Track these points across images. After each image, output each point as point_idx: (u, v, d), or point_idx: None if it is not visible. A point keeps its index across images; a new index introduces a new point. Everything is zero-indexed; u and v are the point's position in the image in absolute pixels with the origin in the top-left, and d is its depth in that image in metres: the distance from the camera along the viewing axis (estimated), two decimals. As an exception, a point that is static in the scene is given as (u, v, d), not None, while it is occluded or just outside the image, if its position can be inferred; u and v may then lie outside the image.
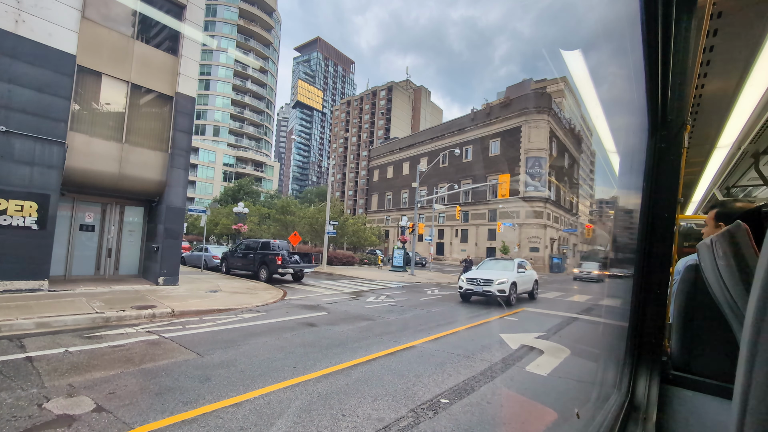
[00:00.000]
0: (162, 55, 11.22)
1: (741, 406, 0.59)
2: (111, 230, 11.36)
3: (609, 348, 2.24)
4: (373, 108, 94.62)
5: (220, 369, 4.55)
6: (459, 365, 5.18)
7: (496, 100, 54.49)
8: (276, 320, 7.75)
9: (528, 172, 45.65)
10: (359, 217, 43.89)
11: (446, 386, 4.34)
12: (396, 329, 7.40)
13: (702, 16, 1.84)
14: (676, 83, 1.40)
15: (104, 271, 11.22)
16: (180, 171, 11.31)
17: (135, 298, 8.92)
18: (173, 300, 9.04)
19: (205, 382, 4.11)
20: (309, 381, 4.26)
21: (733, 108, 3.21)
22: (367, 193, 78.31)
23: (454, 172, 54.45)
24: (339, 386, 4.14)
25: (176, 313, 7.96)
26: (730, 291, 1.15)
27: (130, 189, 10.89)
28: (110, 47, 10.14)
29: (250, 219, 34.25)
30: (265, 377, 4.32)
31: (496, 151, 50.17)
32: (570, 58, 1.66)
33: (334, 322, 7.84)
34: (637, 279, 1.62)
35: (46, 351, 4.92)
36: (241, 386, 4.02)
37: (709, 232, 1.72)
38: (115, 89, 10.31)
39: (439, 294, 14.29)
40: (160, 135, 11.23)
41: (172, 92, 11.36)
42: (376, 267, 29.49)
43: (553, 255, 44.70)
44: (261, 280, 15.07)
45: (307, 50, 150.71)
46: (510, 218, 44.86)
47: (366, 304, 10.69)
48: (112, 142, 10.18)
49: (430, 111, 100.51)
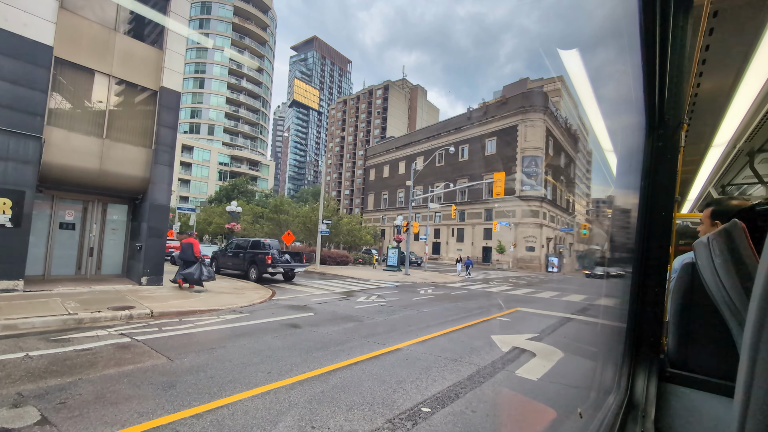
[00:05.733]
0: (145, 48, 10.88)
1: (743, 404, 0.59)
2: (93, 228, 11.01)
3: (607, 347, 2.22)
4: (369, 107, 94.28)
5: (189, 375, 4.25)
6: (445, 369, 4.91)
7: (493, 99, 54.27)
8: (259, 321, 7.46)
9: (524, 171, 45.50)
10: (354, 216, 43.62)
11: (429, 393, 4.06)
12: (383, 331, 7.12)
13: (698, 15, 1.85)
14: (673, 82, 1.40)
15: (86, 270, 10.86)
16: (164, 167, 10.97)
17: (114, 298, 8.59)
18: (154, 300, 8.71)
19: (169, 389, 3.81)
20: (282, 388, 3.97)
21: (728, 107, 3.22)
22: (364, 193, 78.01)
23: (451, 171, 54.26)
24: (313, 394, 3.86)
25: (155, 314, 7.65)
26: (727, 289, 1.16)
27: (111, 186, 10.55)
28: (90, 39, 9.78)
29: (243, 218, 33.89)
30: (235, 384, 4.03)
31: (492, 150, 50.01)
32: (567, 57, 1.65)
33: (319, 323, 7.55)
34: (635, 277, 1.62)
35: (4, 356, 4.60)
36: (206, 395, 3.72)
37: (705, 230, 1.72)
38: (96, 83, 9.96)
39: (432, 294, 14.03)
40: (143, 130, 10.88)
41: (157, 86, 11.01)
42: (370, 266, 29.20)
43: (549, 254, 44.59)
44: (251, 280, 14.76)
45: (303, 49, 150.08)
46: (506, 217, 44.70)
47: (356, 304, 10.41)
48: (93, 138, 9.83)
49: (426, 110, 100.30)
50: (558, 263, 43.43)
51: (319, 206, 24.26)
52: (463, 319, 8.95)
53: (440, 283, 19.19)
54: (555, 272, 41.34)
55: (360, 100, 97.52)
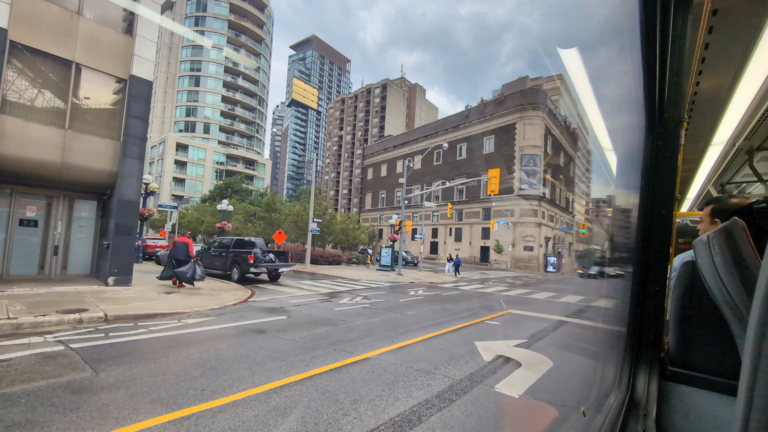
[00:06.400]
0: (113, 33, 10.22)
1: (745, 402, 0.60)
2: (58, 226, 10.36)
3: (607, 346, 2.23)
4: (367, 106, 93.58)
5: (105, 393, 3.61)
6: (413, 384, 4.26)
7: (492, 98, 53.58)
8: (221, 326, 6.81)
9: (523, 169, 44.83)
10: (348, 215, 42.97)
11: (386, 416, 3.42)
12: (356, 336, 6.47)
13: (698, 13, 1.84)
14: (672, 80, 1.40)
15: (50, 270, 10.22)
16: (134, 161, 10.32)
17: (70, 300, 7.94)
18: (115, 303, 8.07)
19: (70, 412, 3.17)
20: (208, 411, 3.32)
21: (728, 105, 3.19)
22: (362, 192, 77.34)
23: (449, 170, 53.60)
24: (243, 419, 3.21)
25: (109, 318, 7.00)
26: (727, 287, 1.16)
27: (76, 180, 9.90)
28: (50, 22, 9.14)
29: (235, 217, 33.24)
30: (154, 405, 3.38)
31: (490, 149, 49.33)
32: (567, 56, 1.64)
33: (287, 328, 6.90)
34: (635, 276, 1.62)
35: None
36: (112, 419, 3.08)
37: (705, 228, 1.69)
38: (57, 69, 9.31)
39: (422, 295, 13.38)
40: (111, 121, 10.23)
41: (126, 75, 10.37)
42: (364, 266, 28.55)
43: (547, 254, 43.93)
44: (233, 281, 14.12)
45: (302, 48, 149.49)
46: (504, 216, 44.03)
47: (337, 306, 9.77)
48: (53, 128, 9.18)
49: (425, 109, 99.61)
50: (557, 263, 42.75)
51: (310, 204, 23.59)
52: (449, 322, 8.31)
53: (433, 283, 18.54)
54: (554, 272, 40.67)
55: (358, 99, 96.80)
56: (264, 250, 14.96)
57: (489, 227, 44.24)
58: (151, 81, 10.77)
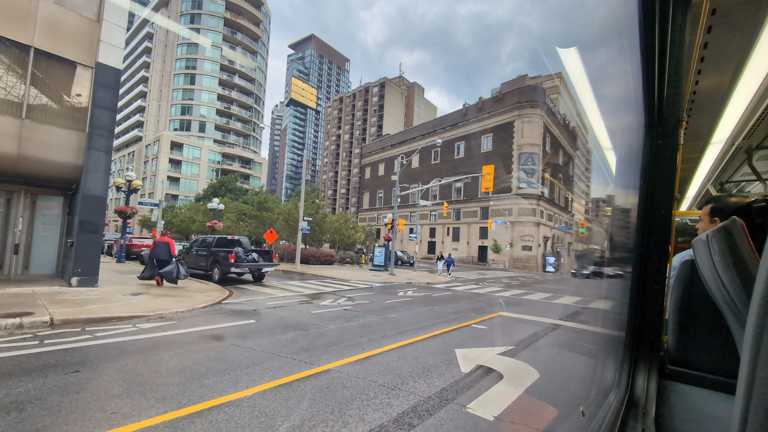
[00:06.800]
0: (77, 17, 9.58)
1: (744, 401, 0.59)
2: (19, 223, 9.73)
3: (606, 345, 2.23)
4: (365, 105, 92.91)
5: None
6: (370, 404, 3.63)
7: (490, 96, 52.91)
8: (176, 332, 6.18)
9: (521, 168, 44.18)
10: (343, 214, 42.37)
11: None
12: (324, 344, 5.84)
13: (697, 12, 1.85)
14: (672, 80, 1.40)
15: (9, 270, 9.59)
16: (100, 154, 9.69)
17: (22, 302, 7.32)
18: (69, 305, 7.44)
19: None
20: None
21: (727, 104, 3.18)
22: (359, 191, 76.71)
23: (446, 168, 52.92)
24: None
25: (56, 322, 6.37)
26: (726, 286, 1.16)
27: (37, 174, 9.27)
28: (5, 4, 8.51)
29: (227, 216, 32.61)
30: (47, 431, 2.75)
31: (488, 147, 48.67)
32: (567, 55, 1.64)
33: (251, 333, 6.27)
34: (635, 275, 1.61)
35: None
36: (-28, 458, 2.45)
37: (704, 227, 1.65)
38: (12, 55, 8.68)
39: (410, 296, 12.74)
40: (75, 112, 9.60)
41: (92, 62, 9.73)
42: (357, 266, 27.91)
43: (546, 254, 43.27)
44: (213, 281, 13.49)
45: (301, 47, 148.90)
46: (502, 216, 43.37)
47: (315, 308, 9.14)
48: (8, 117, 8.54)
49: (423, 108, 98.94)
50: (556, 263, 42.09)
51: (300, 203, 22.95)
52: (432, 326, 7.67)
53: (425, 283, 17.90)
54: (553, 272, 40.02)
55: (356, 98, 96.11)
56: (247, 250, 14.34)
57: (487, 227, 43.59)
58: (120, 69, 10.14)
